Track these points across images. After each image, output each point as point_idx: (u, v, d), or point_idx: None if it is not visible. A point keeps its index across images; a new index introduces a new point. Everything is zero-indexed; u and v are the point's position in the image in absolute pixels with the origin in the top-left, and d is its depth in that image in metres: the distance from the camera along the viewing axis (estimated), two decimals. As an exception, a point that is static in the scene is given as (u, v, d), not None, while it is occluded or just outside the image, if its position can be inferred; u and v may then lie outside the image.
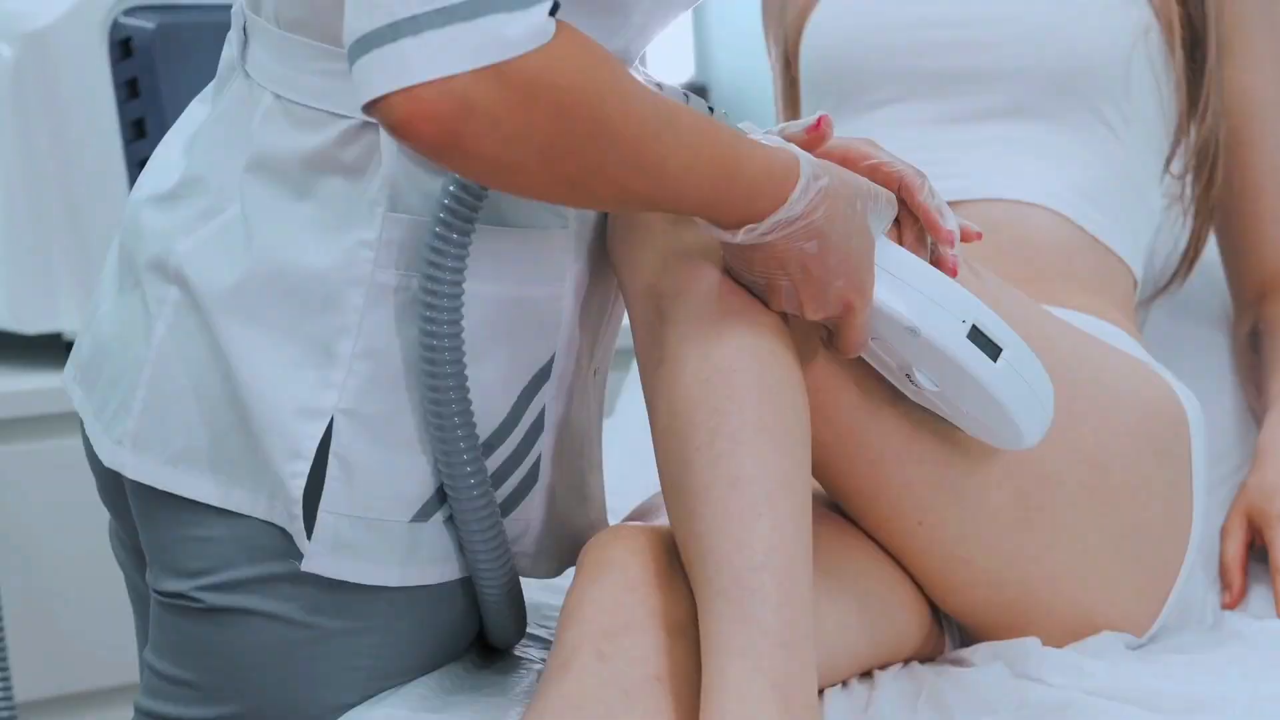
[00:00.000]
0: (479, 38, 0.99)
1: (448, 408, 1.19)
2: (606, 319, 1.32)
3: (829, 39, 1.67)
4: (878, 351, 1.25)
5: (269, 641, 1.23)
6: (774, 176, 1.13)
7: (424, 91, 0.99)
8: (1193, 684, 1.29)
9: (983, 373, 1.21)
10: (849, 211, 1.16)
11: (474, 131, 1.00)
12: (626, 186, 1.07)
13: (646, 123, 1.05)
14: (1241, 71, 1.66)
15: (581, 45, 1.03)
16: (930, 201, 1.25)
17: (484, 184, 1.14)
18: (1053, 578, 1.37)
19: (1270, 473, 1.56)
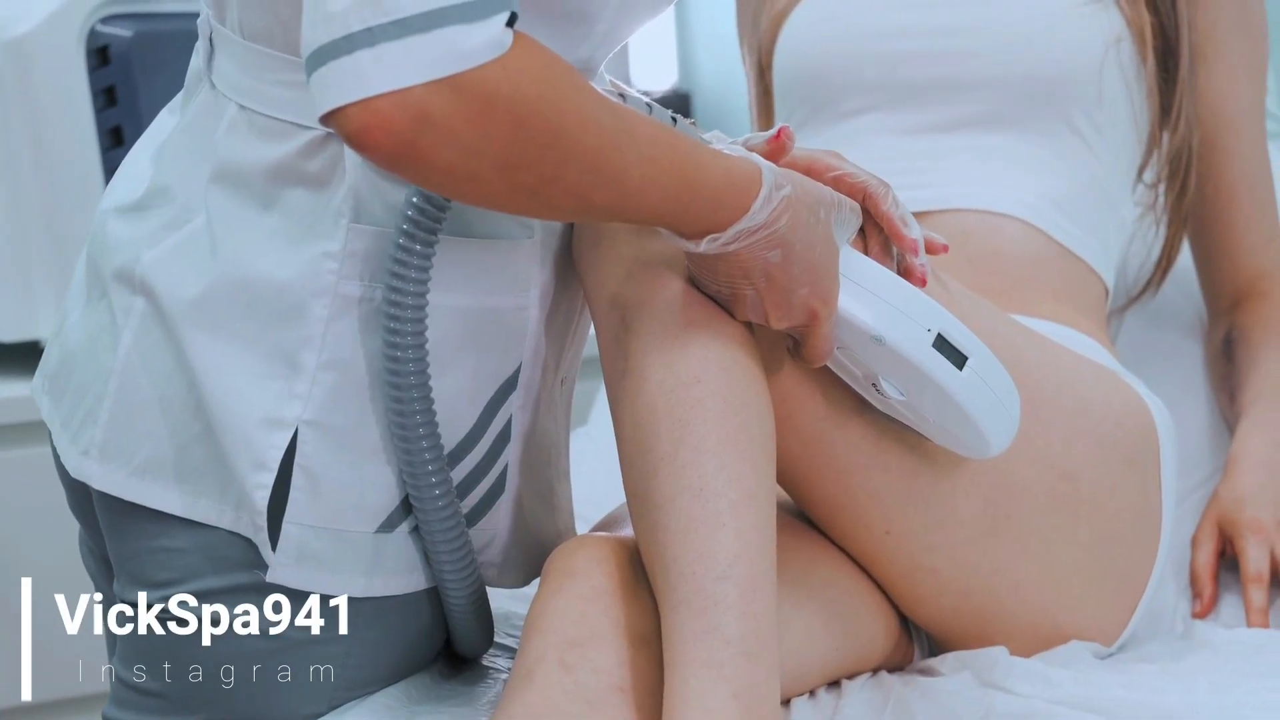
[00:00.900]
0: (435, 50, 0.99)
1: (411, 419, 1.19)
2: (573, 329, 1.32)
3: (802, 48, 1.67)
4: (844, 361, 1.25)
5: (234, 652, 1.23)
6: (736, 186, 1.13)
7: (380, 103, 0.99)
8: (1159, 694, 1.29)
9: (948, 381, 1.21)
10: (812, 220, 1.16)
11: (430, 143, 1.00)
12: (586, 197, 1.07)
13: (605, 133, 1.05)
14: (1215, 79, 1.66)
15: (539, 56, 1.03)
16: (894, 211, 1.25)
17: (442, 195, 1.14)
18: (1020, 587, 1.37)
19: (1241, 481, 1.56)
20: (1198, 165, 1.67)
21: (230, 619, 1.23)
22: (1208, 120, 1.66)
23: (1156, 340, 1.78)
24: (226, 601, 1.23)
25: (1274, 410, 1.62)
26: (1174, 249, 1.70)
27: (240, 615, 1.23)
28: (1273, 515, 1.52)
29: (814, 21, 1.66)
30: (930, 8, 1.62)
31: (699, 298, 1.21)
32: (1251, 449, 1.58)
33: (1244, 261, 1.70)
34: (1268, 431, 1.59)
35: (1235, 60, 1.66)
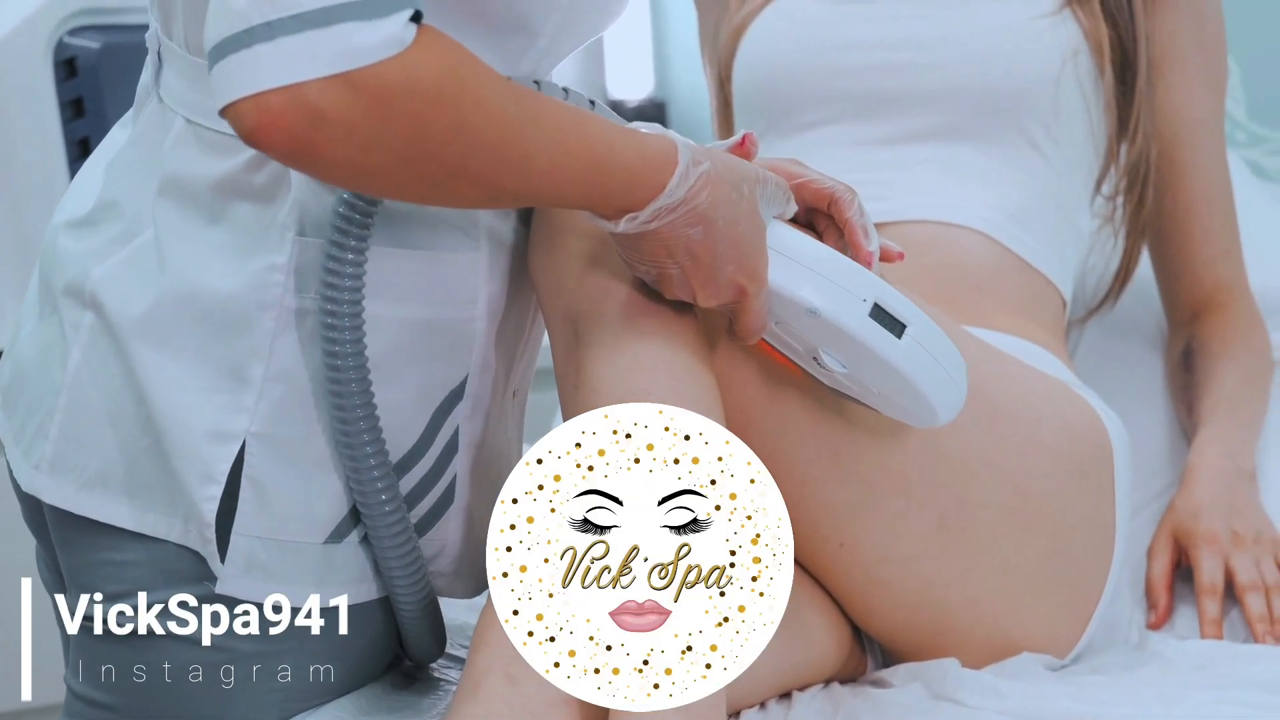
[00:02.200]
0: (331, 45, 0.98)
1: (355, 425, 1.19)
2: (524, 341, 1.32)
3: (760, 61, 1.67)
4: (783, 336, 1.24)
5: (184, 664, 1.23)
6: (650, 164, 1.12)
7: (273, 99, 0.99)
8: (1107, 706, 1.30)
9: (887, 350, 1.20)
10: (735, 196, 1.16)
11: (326, 139, 1.00)
12: (493, 185, 1.07)
13: (510, 122, 1.05)
14: (1173, 92, 1.66)
15: (440, 50, 1.02)
16: (857, 220, 1.24)
17: (347, 189, 1.13)
18: (973, 600, 1.37)
19: (1197, 492, 1.56)
20: (1156, 178, 1.67)
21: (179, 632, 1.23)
22: (1166, 133, 1.67)
23: (1117, 351, 1.79)
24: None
25: (1230, 422, 1.62)
26: (1132, 261, 1.70)
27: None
28: (1227, 526, 1.52)
29: (772, 34, 1.67)
30: (888, 21, 1.63)
31: (651, 307, 1.21)
32: (1208, 460, 1.58)
33: (1203, 273, 1.70)
34: (1224, 443, 1.60)
35: (1193, 73, 1.67)
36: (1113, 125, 1.63)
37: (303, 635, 1.25)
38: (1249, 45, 2.21)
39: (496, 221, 1.27)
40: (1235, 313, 1.70)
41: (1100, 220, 1.68)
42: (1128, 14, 1.61)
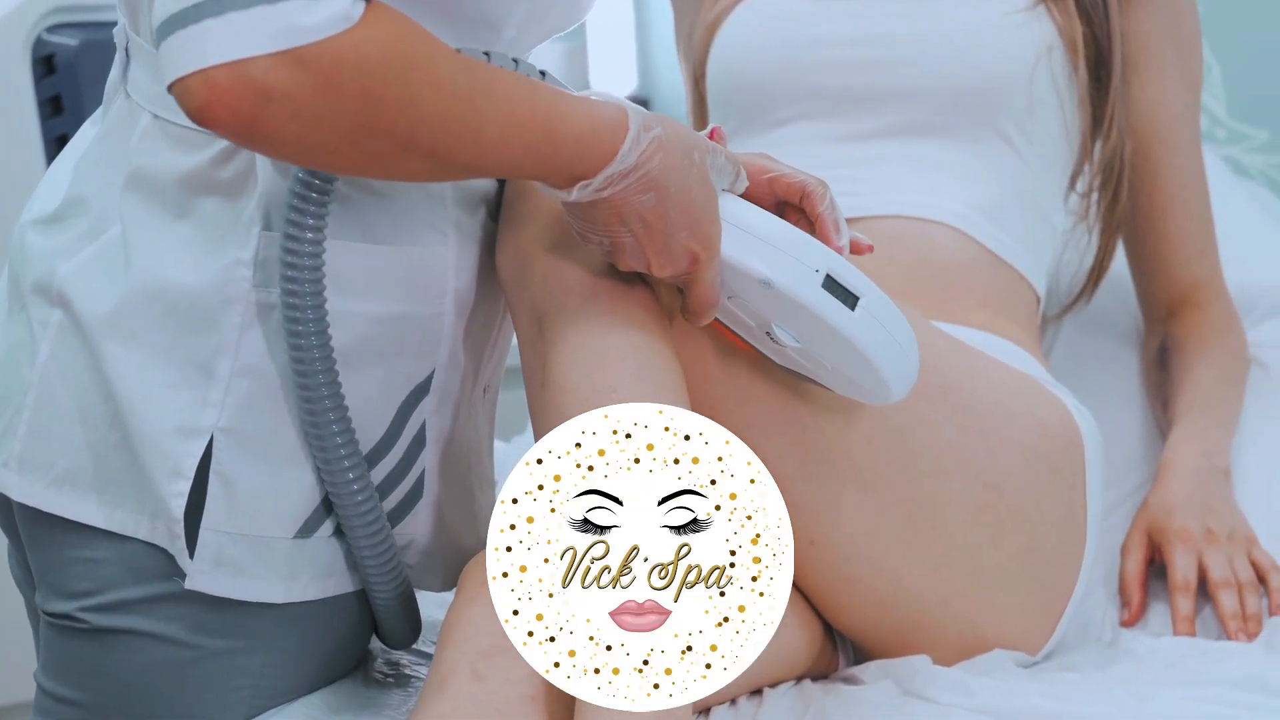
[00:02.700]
0: (279, 21, 0.98)
1: (324, 416, 1.19)
2: (494, 337, 1.32)
3: (733, 58, 1.67)
4: (735, 311, 1.23)
5: (153, 662, 1.23)
6: (600, 131, 1.12)
7: (220, 76, 0.98)
8: (1078, 703, 1.29)
9: (841, 321, 1.19)
10: (686, 162, 1.15)
11: (274, 116, 0.99)
12: (445, 158, 1.06)
13: (459, 95, 1.05)
14: (1148, 89, 1.66)
15: (390, 25, 1.02)
16: (829, 214, 1.24)
17: (297, 164, 1.12)
18: (944, 597, 1.37)
19: (1171, 489, 1.56)
20: (1131, 175, 1.67)
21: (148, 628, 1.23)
22: (1141, 130, 1.67)
23: (1094, 348, 1.79)
24: (148, 611, 1.23)
25: (1204, 419, 1.62)
26: (1106, 257, 1.70)
27: (158, 625, 1.23)
28: (1201, 524, 1.52)
29: (745, 31, 1.67)
30: (861, 17, 1.63)
31: (615, 304, 1.21)
32: (1182, 458, 1.58)
33: (1178, 271, 1.70)
34: (1198, 441, 1.60)
35: (1168, 70, 1.67)
36: (1087, 122, 1.63)
37: (271, 631, 1.25)
38: (1229, 42, 2.21)
39: (464, 216, 1.27)
40: (1211, 310, 1.70)
41: (1075, 217, 1.68)
42: (1102, 11, 1.61)
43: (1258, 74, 2.21)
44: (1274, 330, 1.77)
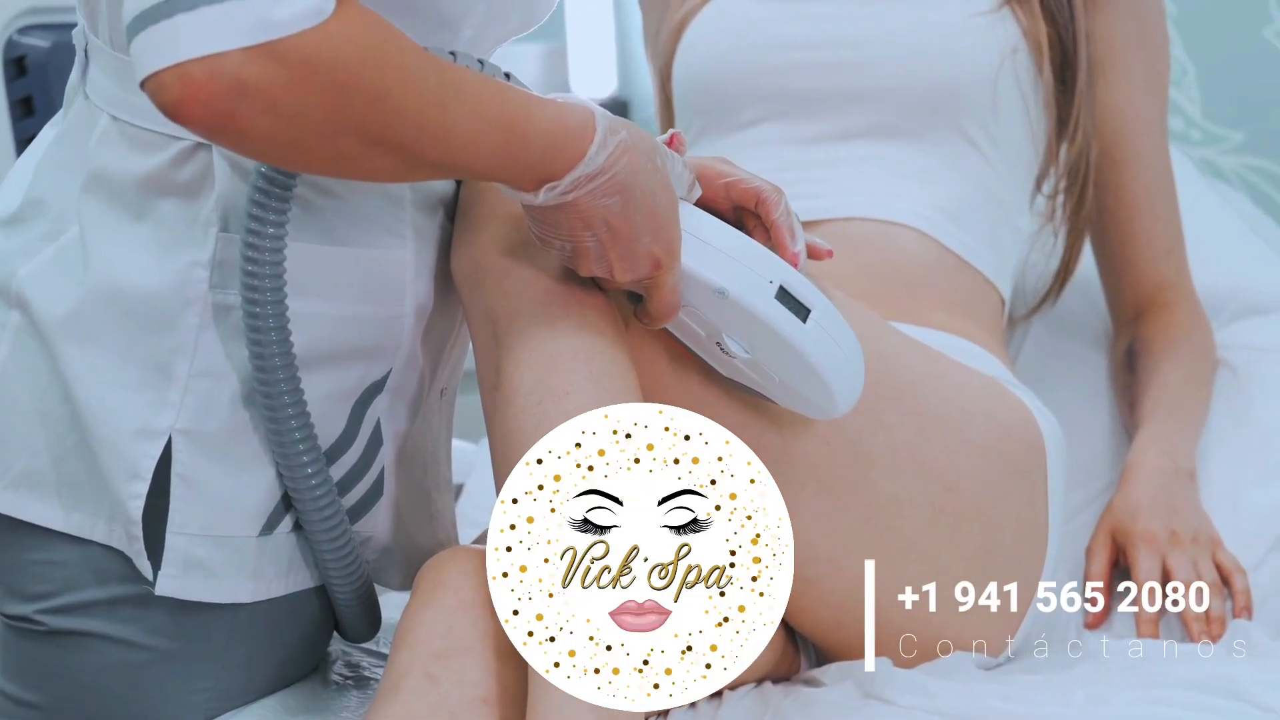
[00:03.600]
0: (252, 16, 0.98)
1: (283, 414, 1.19)
2: (452, 340, 1.32)
3: (699, 60, 1.67)
4: (686, 321, 1.24)
5: (111, 664, 1.23)
6: (568, 132, 1.12)
7: (195, 70, 0.98)
8: (1036, 705, 1.30)
9: (792, 333, 1.20)
10: (650, 166, 1.16)
11: (248, 112, 0.99)
12: (414, 156, 1.06)
13: (430, 93, 1.05)
14: (1114, 91, 1.67)
15: (362, 21, 1.02)
16: (784, 220, 1.24)
17: (266, 163, 1.13)
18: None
19: (1136, 491, 1.56)
20: (1097, 176, 1.67)
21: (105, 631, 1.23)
22: (1107, 132, 1.67)
23: (1061, 349, 1.79)
24: (107, 614, 1.23)
25: (1170, 421, 1.62)
26: (1072, 259, 1.70)
27: (116, 627, 1.23)
28: (1165, 526, 1.52)
29: (710, 33, 1.67)
30: (825, 19, 1.63)
31: (570, 309, 1.21)
32: (1147, 459, 1.58)
33: (1145, 272, 1.70)
34: (1164, 442, 1.60)
35: (1135, 72, 1.67)
36: (1052, 124, 1.63)
37: (231, 631, 1.25)
38: (1204, 44, 2.21)
39: (422, 218, 1.27)
40: (1178, 312, 1.70)
41: (1041, 219, 1.68)
42: (1067, 12, 1.61)
43: (1233, 76, 2.21)
44: (1243, 332, 1.77)
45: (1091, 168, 1.65)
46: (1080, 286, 1.77)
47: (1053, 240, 1.70)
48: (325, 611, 1.30)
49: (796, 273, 1.21)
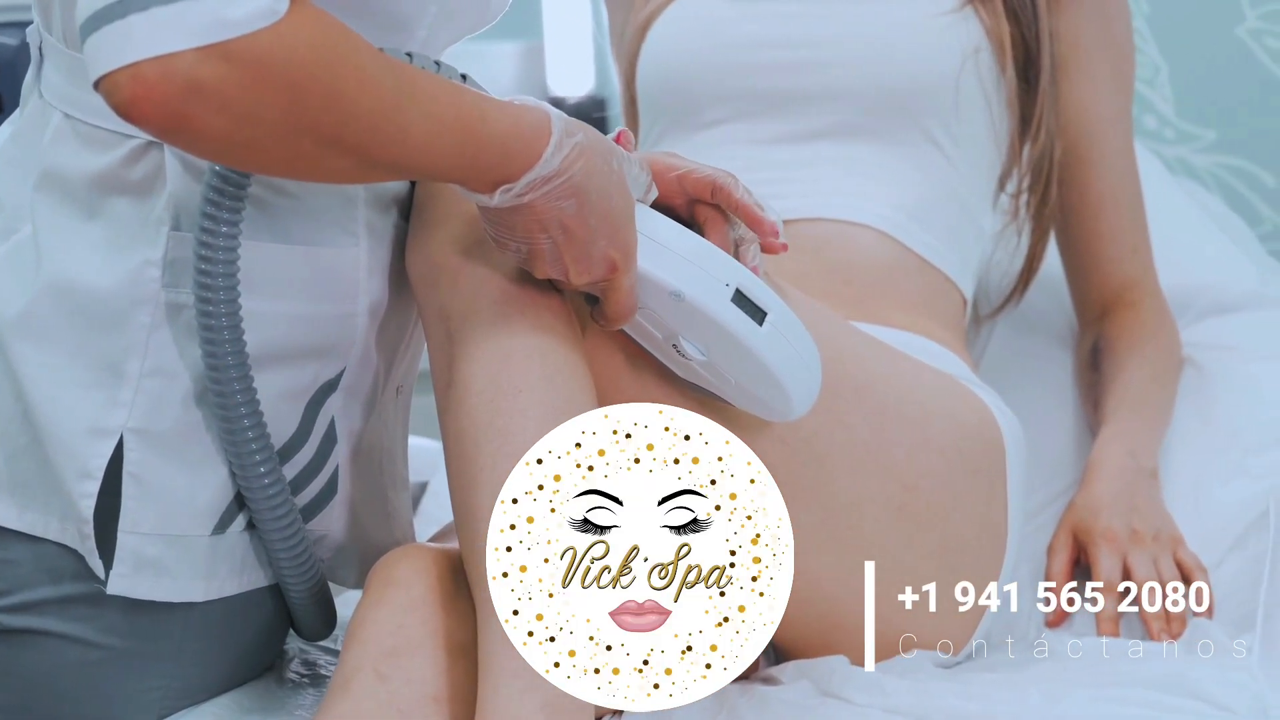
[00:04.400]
0: (205, 16, 0.98)
1: (235, 411, 1.19)
2: (407, 338, 1.32)
3: (662, 59, 1.67)
4: (643, 323, 1.24)
5: (64, 663, 1.23)
6: (524, 135, 1.12)
7: (148, 70, 0.98)
8: (991, 703, 1.30)
9: (748, 336, 1.20)
10: (606, 169, 1.16)
11: (201, 112, 0.99)
12: (369, 157, 1.06)
13: (385, 94, 1.05)
14: (1078, 90, 1.67)
15: (315, 21, 1.02)
16: (747, 198, 1.25)
17: (221, 163, 1.13)
18: (862, 597, 1.37)
19: (1097, 489, 1.56)
20: (1062, 175, 1.67)
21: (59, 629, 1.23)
22: (1071, 131, 1.67)
23: (1028, 348, 1.79)
24: (59, 612, 1.23)
25: (1133, 419, 1.62)
26: (1036, 258, 1.70)
27: (69, 626, 1.23)
28: (1126, 524, 1.52)
29: (674, 33, 1.67)
30: (789, 19, 1.63)
31: (525, 308, 1.21)
32: (1109, 458, 1.58)
33: (1110, 271, 1.70)
34: (1126, 440, 1.60)
35: (1099, 71, 1.67)
36: (1015, 123, 1.63)
37: (185, 630, 1.25)
38: (1177, 43, 2.21)
39: (376, 217, 1.27)
40: (1143, 310, 1.70)
41: (1006, 217, 1.68)
42: (1030, 11, 1.61)
43: (1205, 75, 2.21)
44: (1209, 330, 1.77)
45: (1055, 166, 1.65)
46: (1047, 285, 1.77)
47: (1017, 239, 1.70)
48: (280, 610, 1.30)
49: (753, 276, 1.21)
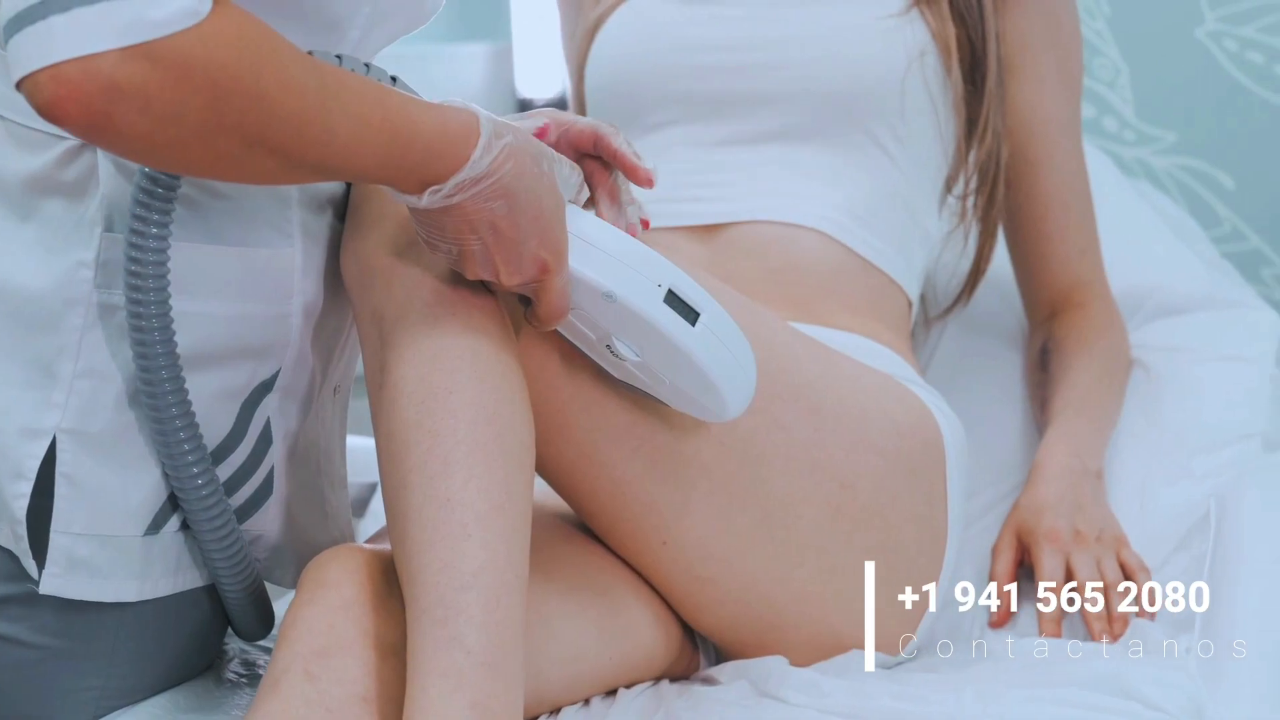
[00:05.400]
0: (125, 17, 0.98)
1: (168, 414, 1.19)
2: (344, 338, 1.32)
3: (608, 62, 1.67)
4: (576, 324, 1.24)
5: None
6: (451, 136, 1.13)
7: (69, 71, 0.98)
8: (926, 703, 1.30)
9: (681, 336, 1.20)
10: (536, 170, 1.16)
11: (124, 112, 0.99)
12: (294, 158, 1.07)
13: (309, 94, 1.05)
14: (1025, 91, 1.67)
15: (238, 22, 1.02)
16: (626, 149, 1.26)
17: (144, 164, 1.13)
18: (800, 597, 1.37)
19: (1041, 491, 1.56)
20: (1010, 176, 1.67)
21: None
22: (1019, 132, 1.67)
23: (980, 348, 1.79)
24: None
25: (1079, 420, 1.62)
26: (983, 259, 1.70)
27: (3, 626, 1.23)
28: (1069, 525, 1.53)
29: (621, 35, 1.67)
30: (734, 23, 1.63)
31: (457, 309, 1.21)
32: (1054, 458, 1.58)
33: (1058, 271, 1.70)
34: (1071, 441, 1.60)
35: (1046, 72, 1.67)
36: (961, 125, 1.63)
37: (119, 630, 1.25)
38: (1137, 45, 2.22)
39: (310, 218, 1.27)
40: (1092, 311, 1.70)
41: (954, 220, 1.69)
42: (977, 13, 1.61)
43: (1165, 76, 2.21)
44: (1158, 332, 1.77)
45: (1001, 168, 1.65)
46: (998, 286, 1.77)
47: (964, 241, 1.70)
48: (217, 610, 1.30)
49: (686, 276, 1.21)
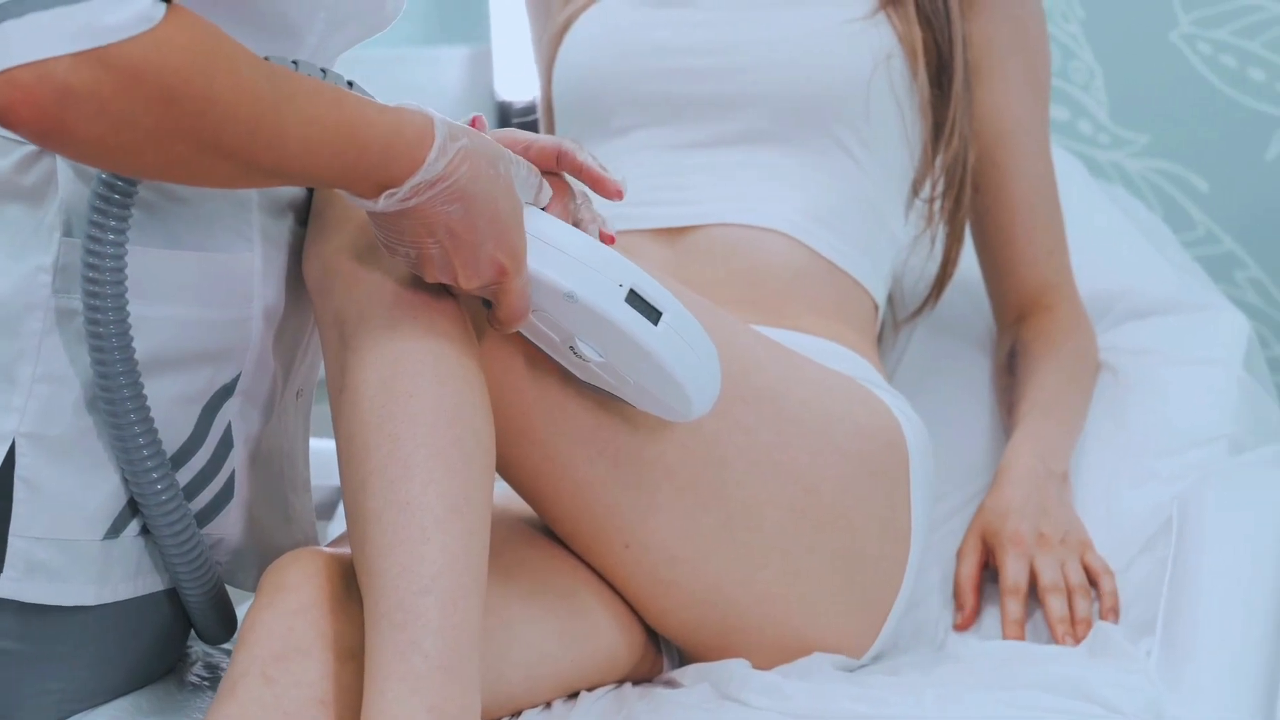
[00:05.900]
0: (79, 22, 0.99)
1: (126, 418, 1.19)
2: (305, 342, 1.32)
3: (575, 65, 1.67)
4: (539, 325, 1.24)
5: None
6: (406, 139, 1.13)
7: (22, 76, 0.99)
8: (886, 706, 1.30)
9: (643, 336, 1.21)
10: (492, 172, 1.17)
11: (76, 117, 1.00)
12: (248, 161, 1.07)
13: (262, 99, 1.06)
14: (992, 95, 1.67)
15: (191, 28, 1.03)
16: (592, 162, 1.26)
17: (98, 168, 1.13)
18: (763, 600, 1.38)
19: (1006, 494, 1.56)
20: (977, 179, 1.68)
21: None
22: (986, 135, 1.67)
23: (948, 351, 1.80)
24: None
25: (1044, 423, 1.62)
26: (950, 262, 1.70)
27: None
28: (1033, 528, 1.53)
29: (587, 39, 1.67)
30: (700, 26, 1.63)
31: (419, 313, 1.21)
32: (1019, 461, 1.59)
33: (1026, 275, 1.71)
34: (1037, 444, 1.60)
35: (1013, 75, 1.67)
36: (928, 129, 1.63)
37: (80, 634, 1.25)
38: (1111, 48, 2.22)
39: (270, 222, 1.27)
40: (1059, 314, 1.71)
41: (921, 223, 1.69)
42: (944, 16, 1.62)
43: (1139, 79, 2.22)
44: (1126, 335, 1.78)
45: (969, 171, 1.65)
46: (966, 289, 1.77)
47: (931, 244, 1.70)
48: (179, 613, 1.31)
49: (647, 276, 1.21)
